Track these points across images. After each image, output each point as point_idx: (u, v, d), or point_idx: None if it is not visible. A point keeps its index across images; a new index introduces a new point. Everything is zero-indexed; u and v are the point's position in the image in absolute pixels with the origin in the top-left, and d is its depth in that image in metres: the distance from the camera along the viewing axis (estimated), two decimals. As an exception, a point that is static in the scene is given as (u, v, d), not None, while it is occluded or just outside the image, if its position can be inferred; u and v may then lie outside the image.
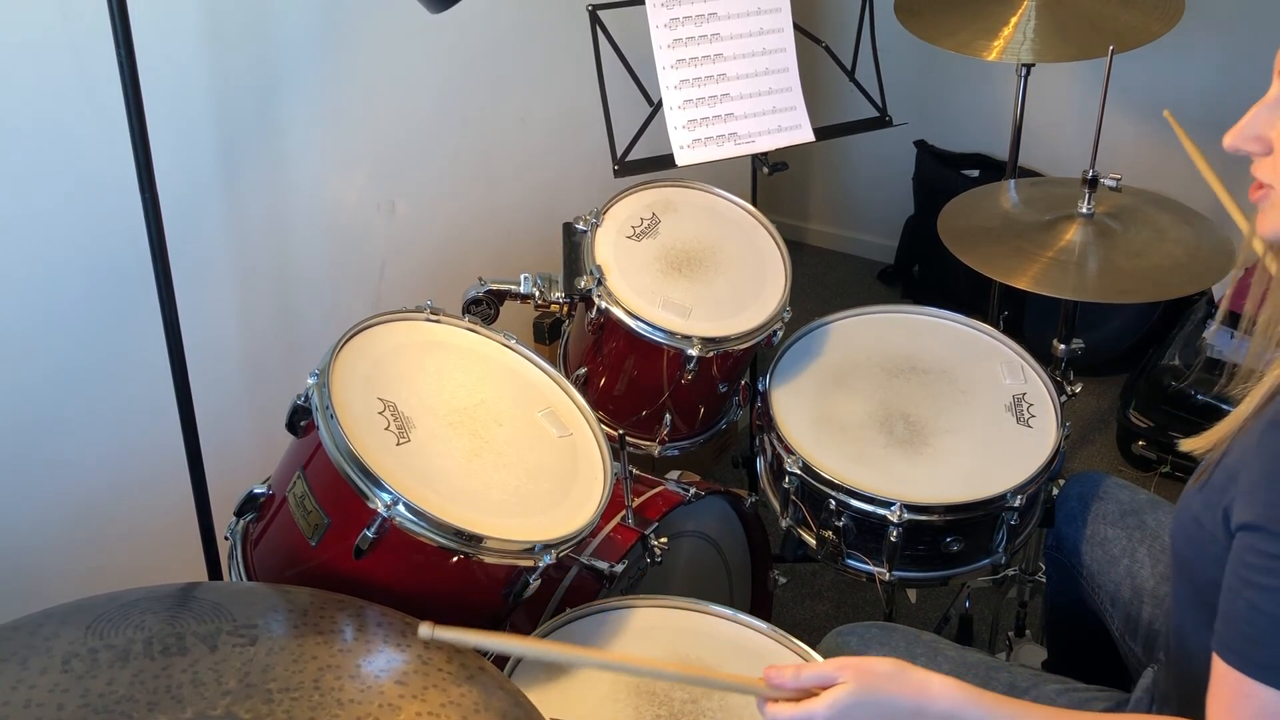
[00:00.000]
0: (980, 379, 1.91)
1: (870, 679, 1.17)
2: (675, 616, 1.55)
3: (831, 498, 1.74)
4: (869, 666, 1.18)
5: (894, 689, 1.17)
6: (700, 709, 1.40)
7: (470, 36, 2.24)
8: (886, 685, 1.18)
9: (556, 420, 1.58)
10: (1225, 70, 2.89)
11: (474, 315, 1.78)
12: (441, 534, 1.33)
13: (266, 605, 1.26)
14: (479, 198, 2.41)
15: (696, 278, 1.89)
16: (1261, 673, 1.04)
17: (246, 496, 1.51)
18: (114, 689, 1.08)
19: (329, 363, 1.43)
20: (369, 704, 1.11)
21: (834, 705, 1.16)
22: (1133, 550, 1.66)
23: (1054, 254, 1.89)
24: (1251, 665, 1.05)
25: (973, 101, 3.24)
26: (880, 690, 1.17)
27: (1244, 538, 1.07)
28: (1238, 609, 1.06)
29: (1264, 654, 1.04)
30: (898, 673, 1.18)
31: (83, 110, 1.67)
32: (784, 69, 2.07)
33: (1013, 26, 2.22)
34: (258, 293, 2.04)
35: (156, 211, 1.52)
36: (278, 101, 1.96)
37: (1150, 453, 2.75)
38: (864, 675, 1.18)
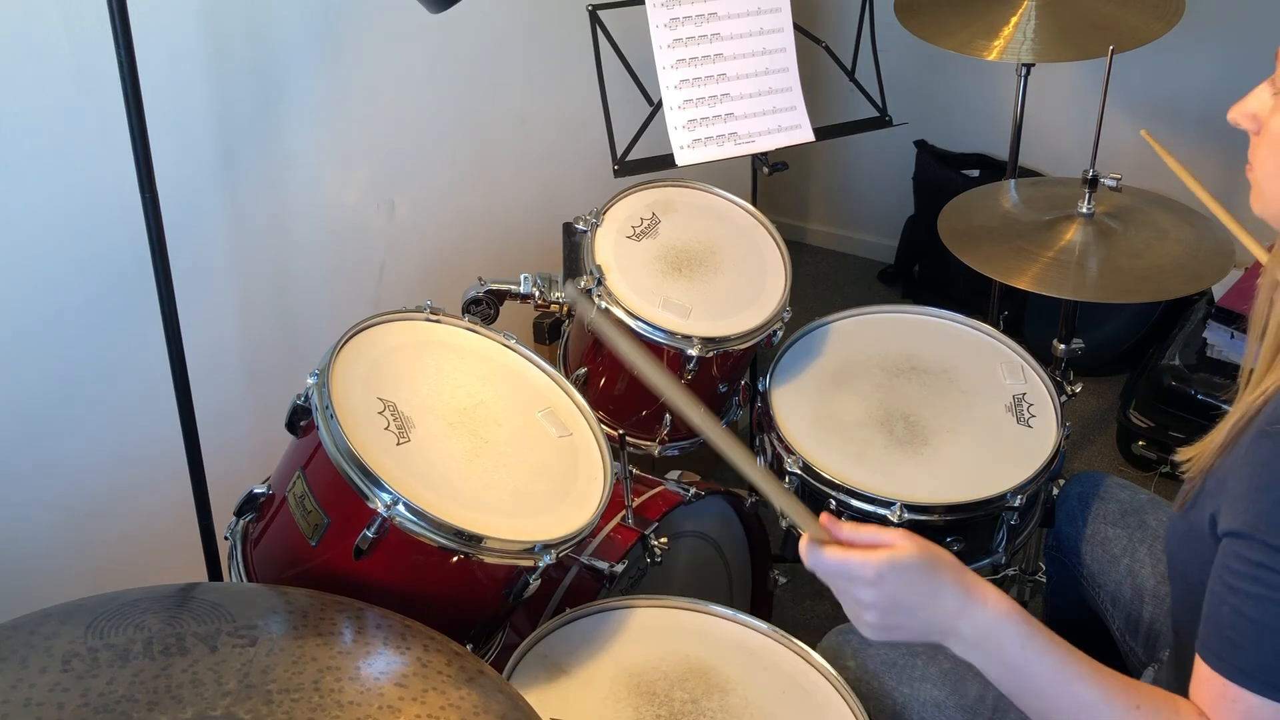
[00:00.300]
0: (980, 379, 1.91)
1: (930, 554, 1.11)
2: (675, 616, 1.55)
3: (832, 498, 1.74)
4: (929, 545, 1.13)
5: (950, 574, 1.12)
6: (700, 709, 1.40)
7: (470, 36, 2.24)
8: (943, 568, 1.12)
9: (556, 420, 1.58)
10: (1225, 70, 2.89)
11: (474, 315, 1.78)
12: (441, 534, 1.33)
13: (266, 606, 1.26)
14: (479, 198, 2.41)
15: (696, 278, 1.89)
16: (1244, 678, 1.05)
17: (246, 496, 1.51)
18: (114, 689, 1.08)
19: (329, 363, 1.43)
20: (369, 705, 1.11)
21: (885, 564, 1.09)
22: (1133, 550, 1.66)
23: (1054, 254, 1.89)
24: (1234, 670, 1.06)
25: (973, 101, 3.24)
26: (937, 566, 1.11)
27: (1229, 544, 1.08)
28: (1221, 615, 1.07)
29: (1246, 659, 1.05)
30: (956, 564, 1.13)
31: (83, 110, 1.67)
32: (784, 69, 2.07)
33: (1013, 26, 2.22)
34: (258, 293, 2.04)
35: (156, 212, 1.52)
36: (278, 101, 1.96)
37: (1150, 453, 2.75)
38: (925, 548, 1.12)
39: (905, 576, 1.11)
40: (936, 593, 1.11)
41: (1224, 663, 1.07)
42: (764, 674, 1.47)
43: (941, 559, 1.12)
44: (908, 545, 1.11)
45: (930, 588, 1.11)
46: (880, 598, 1.12)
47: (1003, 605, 1.12)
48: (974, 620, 1.12)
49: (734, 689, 1.44)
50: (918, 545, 1.11)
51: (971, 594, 1.12)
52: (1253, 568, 1.05)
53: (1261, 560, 1.04)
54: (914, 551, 1.11)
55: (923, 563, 1.11)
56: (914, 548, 1.11)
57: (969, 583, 1.12)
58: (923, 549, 1.11)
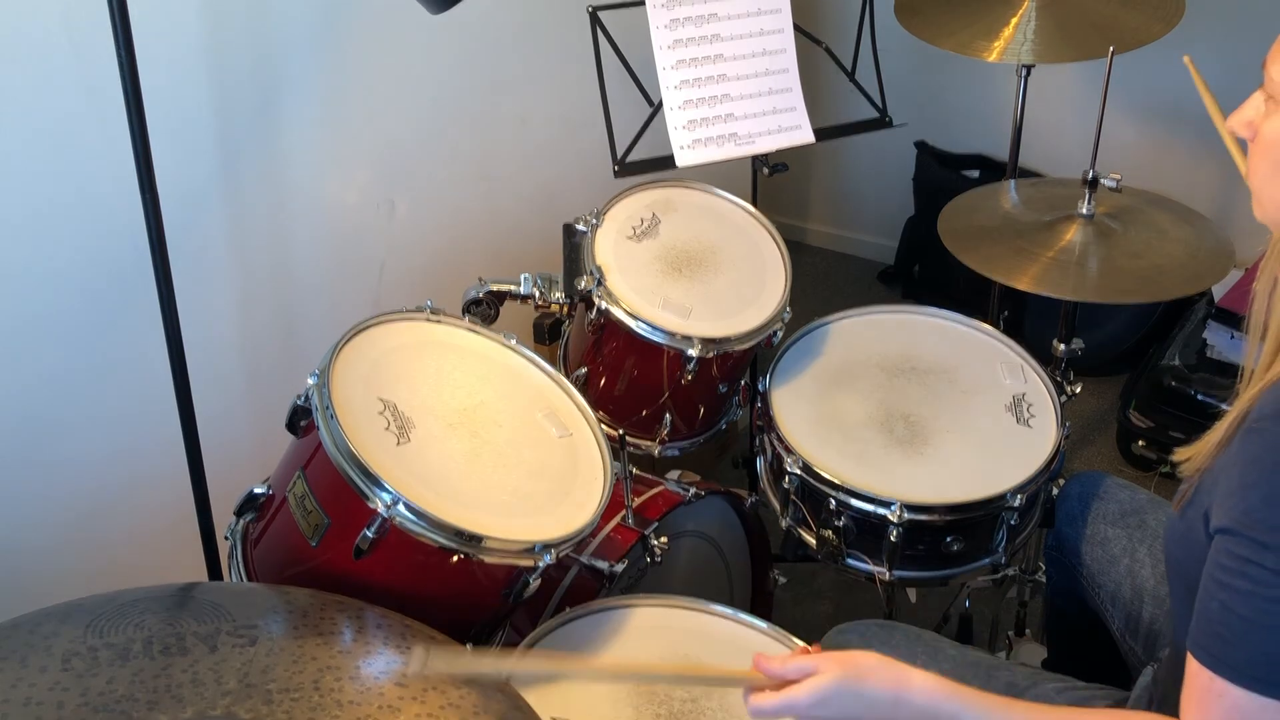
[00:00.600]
0: (980, 379, 1.91)
1: (851, 669, 1.20)
2: (675, 616, 1.55)
3: (831, 498, 1.74)
4: (851, 658, 1.21)
5: (874, 680, 1.20)
6: (700, 709, 1.40)
7: (470, 37, 2.24)
8: (867, 676, 1.20)
9: (556, 420, 1.58)
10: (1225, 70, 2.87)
11: (474, 315, 1.78)
12: (441, 534, 1.33)
13: (266, 606, 1.26)
14: (479, 198, 2.41)
15: (696, 278, 1.89)
16: (1231, 673, 1.06)
17: (246, 496, 1.51)
18: (114, 688, 1.08)
19: (329, 363, 1.43)
20: (369, 705, 1.11)
21: (814, 692, 1.19)
22: (1133, 550, 1.66)
23: (1054, 254, 1.89)
24: (1222, 665, 1.07)
25: (973, 102, 3.24)
26: (861, 681, 1.20)
27: (1219, 540, 1.09)
28: (1211, 610, 1.09)
29: (1234, 654, 1.07)
30: (878, 665, 1.21)
31: (83, 110, 1.67)
32: (784, 69, 2.07)
33: (1013, 27, 2.22)
34: (258, 293, 2.04)
35: (157, 212, 1.52)
36: (278, 101, 1.96)
37: (1150, 453, 2.75)
38: (845, 665, 1.20)
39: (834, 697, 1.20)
40: (866, 700, 1.20)
41: (1211, 657, 1.08)
42: (764, 674, 1.47)
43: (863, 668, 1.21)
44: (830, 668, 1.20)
45: (860, 699, 1.20)
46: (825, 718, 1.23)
47: (930, 690, 1.20)
48: (911, 707, 1.20)
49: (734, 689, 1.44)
50: (840, 664, 1.21)
51: (900, 690, 1.20)
52: (1241, 563, 1.06)
53: (1249, 556, 1.06)
54: (835, 674, 1.20)
55: (843, 682, 1.20)
56: (835, 668, 1.20)
57: (896, 679, 1.21)
58: (844, 667, 1.20)
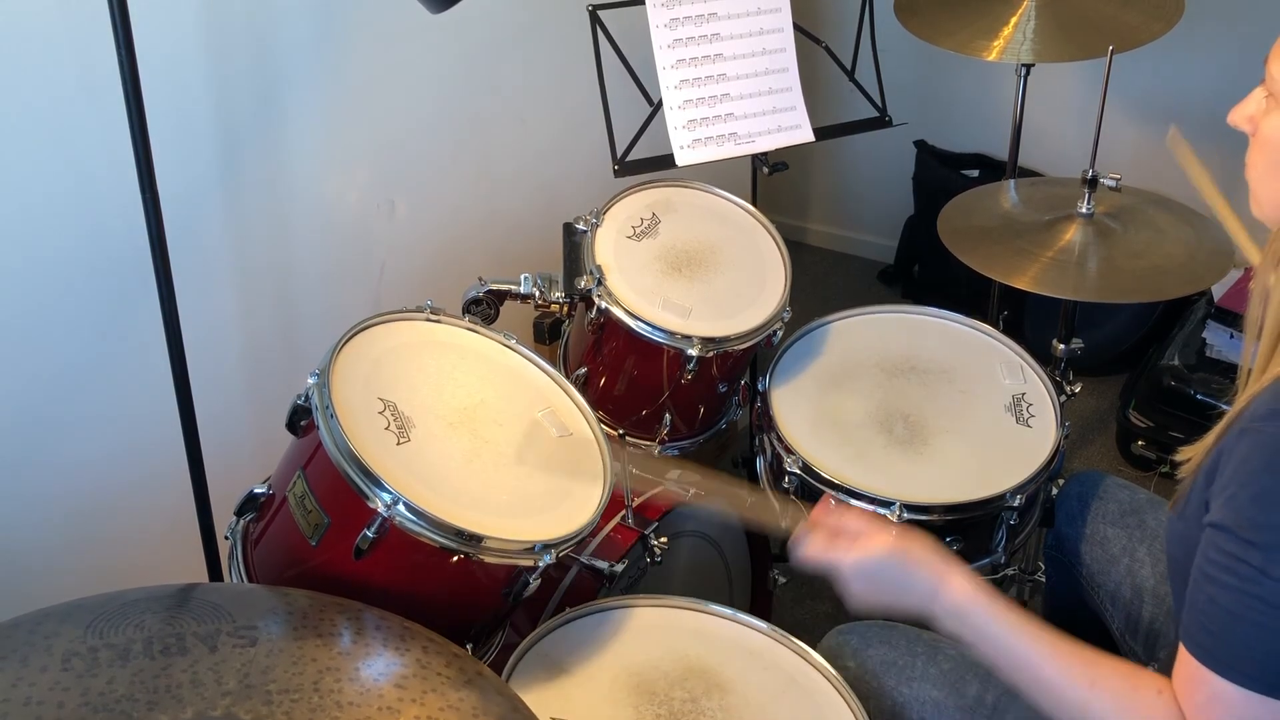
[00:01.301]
0: (980, 379, 1.91)
1: (902, 549, 1.26)
2: (675, 616, 1.55)
3: (831, 497, 1.74)
4: (906, 540, 1.27)
5: (922, 564, 1.26)
6: (700, 709, 1.41)
7: (470, 36, 2.24)
8: (915, 561, 1.26)
9: (556, 420, 1.58)
10: (1225, 70, 2.89)
11: (474, 315, 1.78)
12: (442, 534, 1.33)
13: (266, 606, 1.26)
14: (479, 198, 2.41)
15: (696, 278, 1.89)
16: (1215, 663, 1.10)
17: (246, 496, 1.51)
18: (114, 688, 1.08)
19: (329, 363, 1.43)
20: (368, 707, 1.11)
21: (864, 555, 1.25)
22: (1133, 550, 1.66)
23: (1054, 254, 1.89)
24: (1206, 655, 1.11)
25: (973, 101, 3.24)
26: (909, 560, 1.26)
27: (1210, 535, 1.12)
28: (1199, 602, 1.12)
29: (1219, 647, 1.10)
30: (929, 555, 1.27)
31: (83, 110, 1.67)
32: (784, 69, 2.07)
33: (1013, 26, 2.22)
34: (258, 293, 2.04)
35: (157, 212, 1.52)
36: (278, 101, 1.96)
37: (1150, 453, 2.75)
38: (899, 545, 1.26)
39: (874, 573, 1.26)
40: (907, 582, 1.26)
41: (1199, 647, 1.11)
42: (764, 674, 1.47)
43: (912, 551, 1.27)
44: (884, 541, 1.27)
45: (900, 579, 1.27)
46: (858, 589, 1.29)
47: (967, 590, 1.24)
48: (943, 605, 1.24)
49: (734, 689, 1.44)
50: (895, 541, 1.27)
51: (939, 581, 1.25)
52: (1228, 559, 1.09)
53: (1235, 552, 1.08)
54: (887, 548, 1.26)
55: (890, 559, 1.27)
56: (884, 544, 1.27)
57: (939, 569, 1.26)
58: (897, 546, 1.27)
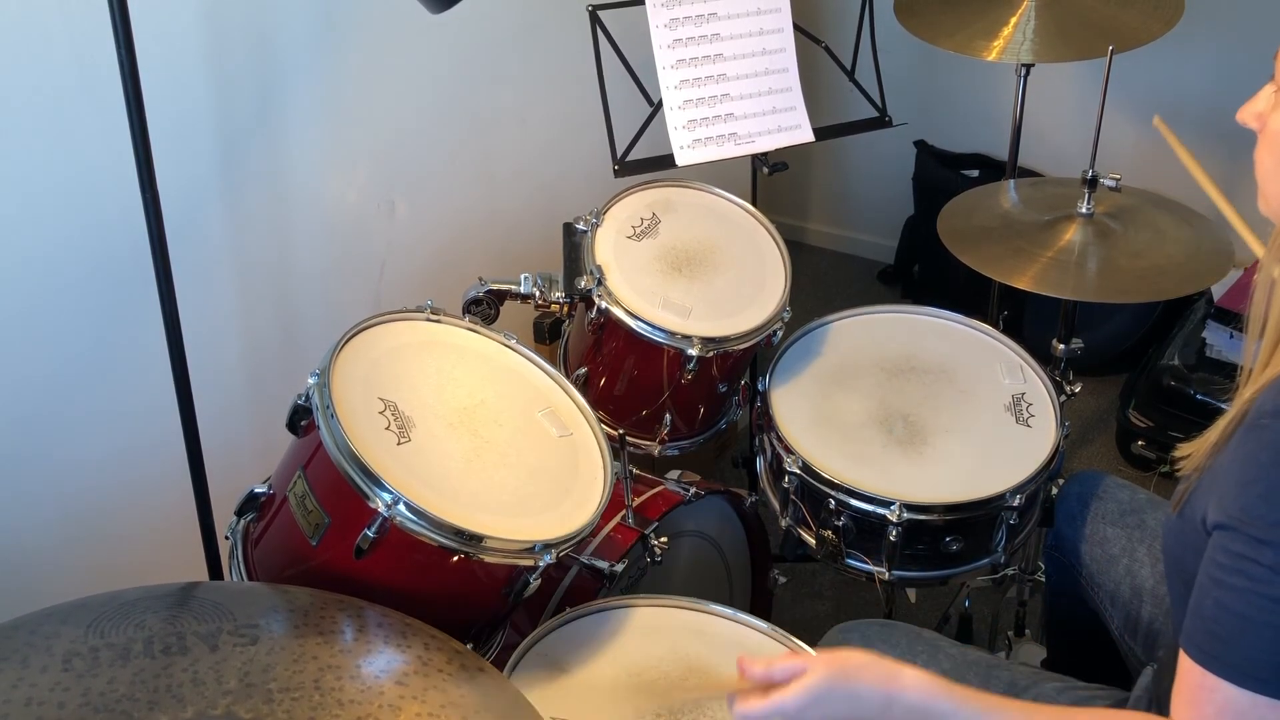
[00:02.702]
0: (980, 379, 1.91)
1: (840, 668, 1.18)
2: (675, 616, 1.56)
3: (831, 497, 1.74)
4: (840, 657, 1.19)
5: (865, 678, 1.17)
6: (700, 709, 1.41)
7: (470, 36, 2.24)
8: (857, 675, 1.17)
9: (557, 420, 1.58)
10: (1225, 70, 2.89)
11: (474, 315, 1.78)
12: (442, 533, 1.33)
13: (267, 605, 1.26)
14: (479, 198, 2.41)
15: (696, 278, 1.90)
16: (1225, 670, 1.06)
17: (247, 496, 1.51)
18: (115, 688, 1.08)
19: (329, 362, 1.43)
20: (369, 704, 1.11)
21: (804, 693, 1.16)
22: (1132, 550, 1.66)
23: (1054, 254, 1.89)
24: (1215, 662, 1.07)
25: (973, 101, 3.24)
26: (852, 680, 1.17)
27: (1217, 537, 1.09)
28: (1206, 607, 1.09)
29: (1228, 652, 1.07)
30: (869, 662, 1.18)
31: (83, 110, 1.67)
32: (784, 69, 2.07)
33: (1012, 26, 2.22)
34: (258, 293, 2.04)
35: (157, 211, 1.52)
36: (278, 101, 1.96)
37: (1150, 452, 2.75)
38: (834, 664, 1.18)
39: (825, 698, 1.17)
40: (857, 698, 1.17)
41: (1205, 654, 1.08)
42: (764, 673, 1.47)
43: (851, 667, 1.19)
44: (819, 668, 1.17)
45: (851, 697, 1.17)
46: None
47: (923, 687, 1.17)
48: (902, 709, 1.17)
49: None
50: (826, 665, 1.18)
51: (891, 687, 1.17)
52: (1237, 560, 1.06)
53: (1244, 553, 1.06)
54: (821, 675, 1.17)
55: (833, 681, 1.17)
56: (824, 669, 1.17)
57: (887, 676, 1.18)
58: (831, 666, 1.18)
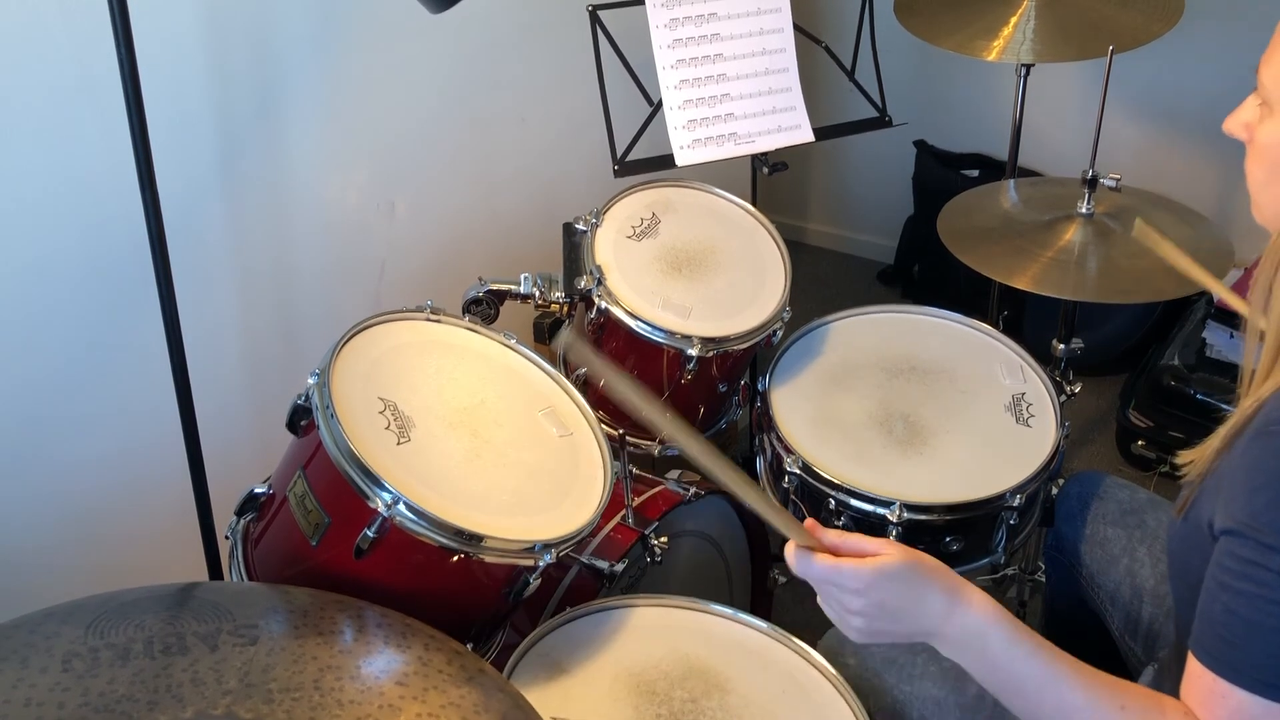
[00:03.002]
0: (980, 379, 1.91)
1: (917, 560, 1.16)
2: (675, 616, 1.55)
3: (831, 497, 1.74)
4: (916, 553, 1.17)
5: (935, 578, 1.16)
6: (700, 709, 1.41)
7: (470, 36, 2.24)
8: (930, 574, 1.16)
9: (557, 420, 1.58)
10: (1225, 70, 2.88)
11: (474, 315, 1.78)
12: (442, 533, 1.33)
13: (267, 605, 1.26)
14: (479, 198, 2.41)
15: (696, 278, 1.90)
16: (1234, 675, 1.06)
17: (247, 496, 1.51)
18: (114, 688, 1.08)
19: (329, 362, 1.43)
20: (369, 705, 1.11)
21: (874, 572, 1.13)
22: (1132, 550, 1.66)
23: (1054, 254, 1.90)
24: (1224, 667, 1.07)
25: (973, 101, 3.24)
26: (923, 573, 1.15)
27: (1224, 542, 1.09)
28: (1214, 612, 1.09)
29: (1237, 656, 1.06)
30: (942, 569, 1.17)
31: (83, 110, 1.67)
32: (784, 69, 2.07)
33: (1012, 26, 2.22)
34: (258, 293, 2.04)
35: (157, 212, 1.52)
36: (278, 101, 1.96)
37: (1150, 453, 2.75)
38: (911, 556, 1.16)
39: (892, 584, 1.15)
40: (923, 597, 1.15)
41: (1215, 659, 1.08)
42: (763, 673, 1.47)
43: (927, 564, 1.16)
44: (894, 552, 1.15)
45: (917, 593, 1.15)
46: (868, 605, 1.16)
47: (988, 608, 1.15)
48: (960, 623, 1.15)
49: (734, 688, 1.44)
50: (903, 553, 1.16)
51: (957, 597, 1.15)
52: (1246, 565, 1.06)
53: (1254, 558, 1.05)
54: (900, 559, 1.15)
55: (908, 569, 1.15)
56: (899, 555, 1.15)
57: (955, 586, 1.16)
58: (908, 556, 1.15)
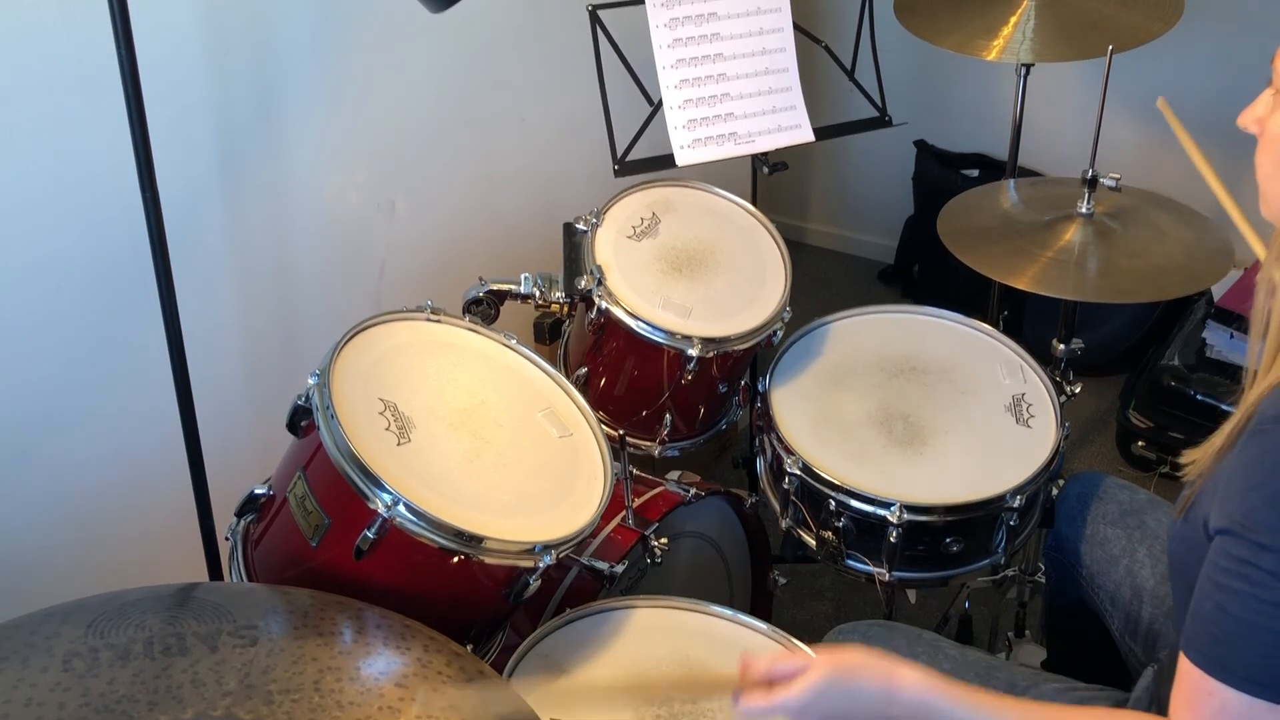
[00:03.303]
0: (980, 379, 1.91)
1: (840, 666, 1.20)
2: (675, 617, 1.55)
3: (831, 498, 1.74)
4: (840, 655, 1.21)
5: (864, 675, 1.20)
6: (700, 709, 1.41)
7: (470, 36, 2.24)
8: (856, 672, 1.20)
9: (557, 420, 1.58)
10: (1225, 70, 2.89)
11: (474, 315, 1.78)
12: (442, 534, 1.33)
13: (267, 606, 1.26)
14: (479, 198, 2.41)
15: (696, 278, 1.90)
16: (1224, 674, 1.07)
17: (247, 497, 1.51)
18: (115, 688, 1.08)
19: (329, 363, 1.43)
20: (369, 706, 1.11)
21: (805, 691, 1.18)
22: (1132, 550, 1.66)
23: (1054, 254, 1.89)
24: (1214, 665, 1.08)
25: (973, 101, 3.24)
26: (850, 676, 1.20)
27: (1218, 542, 1.10)
28: (1206, 611, 1.09)
29: (1228, 655, 1.07)
30: (868, 660, 1.21)
31: (83, 110, 1.67)
32: (784, 69, 2.07)
33: (1012, 26, 2.22)
34: (258, 293, 2.04)
35: (157, 212, 1.52)
36: (278, 101, 1.96)
37: (1150, 453, 2.75)
38: (834, 662, 1.20)
39: (825, 695, 1.19)
40: (858, 695, 1.20)
41: (1204, 657, 1.08)
42: (764, 674, 1.47)
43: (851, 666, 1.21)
44: (820, 665, 1.20)
45: (851, 694, 1.20)
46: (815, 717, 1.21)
47: (922, 682, 1.20)
48: (903, 702, 1.19)
49: (734, 689, 1.44)
50: (828, 662, 1.21)
51: (890, 683, 1.19)
52: (1238, 564, 1.06)
53: (1246, 557, 1.06)
54: (825, 671, 1.20)
55: (835, 676, 1.20)
56: (825, 666, 1.20)
57: (885, 673, 1.21)
58: (833, 664, 1.21)
